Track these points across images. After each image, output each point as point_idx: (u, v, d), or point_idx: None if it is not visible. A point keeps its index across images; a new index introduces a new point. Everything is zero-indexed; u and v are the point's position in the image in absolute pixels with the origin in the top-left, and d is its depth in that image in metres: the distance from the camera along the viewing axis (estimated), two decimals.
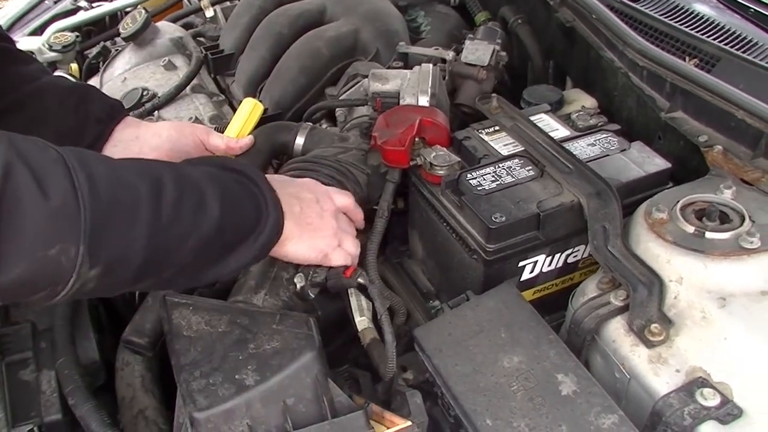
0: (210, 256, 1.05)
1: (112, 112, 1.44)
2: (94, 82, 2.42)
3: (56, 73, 2.51)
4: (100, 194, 0.88)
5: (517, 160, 1.45)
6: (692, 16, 1.81)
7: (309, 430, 1.08)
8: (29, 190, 0.83)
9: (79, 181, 0.87)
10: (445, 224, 1.42)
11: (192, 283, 1.13)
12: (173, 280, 1.05)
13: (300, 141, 1.63)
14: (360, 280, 1.39)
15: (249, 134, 1.56)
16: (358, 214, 1.40)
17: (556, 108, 1.71)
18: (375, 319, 1.48)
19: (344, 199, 1.36)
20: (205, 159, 1.33)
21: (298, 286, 1.38)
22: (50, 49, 2.50)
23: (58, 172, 0.86)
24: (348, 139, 1.63)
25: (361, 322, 1.46)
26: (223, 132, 1.57)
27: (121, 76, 2.33)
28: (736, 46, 1.61)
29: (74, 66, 2.55)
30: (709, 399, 1.05)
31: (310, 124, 1.65)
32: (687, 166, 1.50)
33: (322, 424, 1.09)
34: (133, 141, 1.43)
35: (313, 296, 1.34)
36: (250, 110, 1.58)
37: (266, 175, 1.24)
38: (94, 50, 2.57)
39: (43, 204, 0.83)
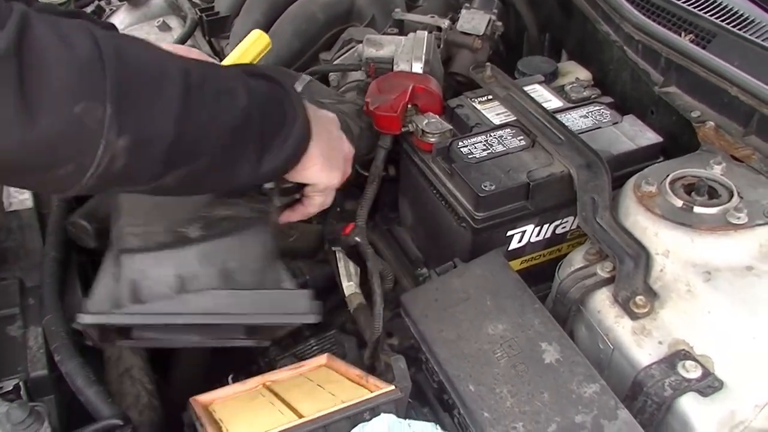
0: (241, 151, 1.01)
1: None
2: None
3: None
4: (125, 58, 0.85)
5: (508, 130, 1.45)
6: None
7: (240, 293, 1.04)
8: (52, 40, 0.79)
9: (103, 43, 0.83)
10: (434, 191, 1.43)
11: (227, 184, 1.06)
12: (207, 176, 1.00)
13: (298, 88, 1.58)
14: (357, 238, 1.39)
15: None
16: (348, 170, 1.33)
17: (550, 79, 1.70)
18: (362, 285, 1.49)
19: (350, 149, 1.31)
20: (234, 65, 1.31)
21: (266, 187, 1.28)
22: None
23: (81, 30, 0.83)
24: (344, 95, 1.61)
25: (349, 287, 1.47)
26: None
27: None
28: (733, 23, 1.60)
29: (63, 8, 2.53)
30: (690, 371, 1.06)
31: (310, 76, 1.61)
32: (678, 141, 1.50)
33: (263, 291, 1.05)
34: None
35: (279, 204, 1.24)
36: (253, 43, 1.51)
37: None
38: (89, 9, 2.55)
39: (67, 54, 0.80)
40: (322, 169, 1.16)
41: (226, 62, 1.45)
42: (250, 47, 1.49)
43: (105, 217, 1.36)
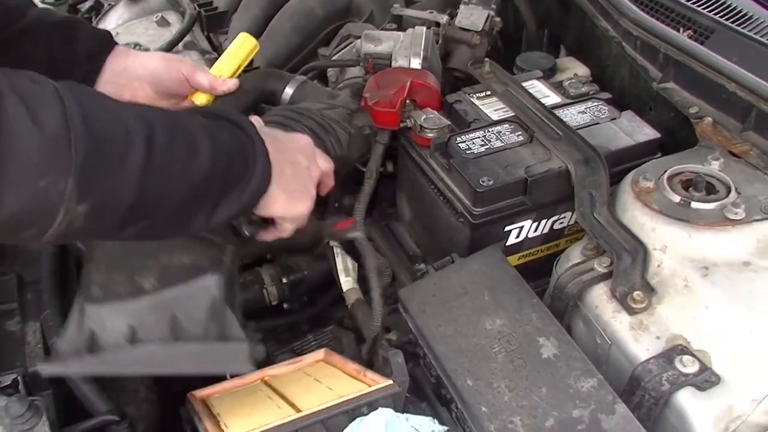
0: (200, 204, 1.03)
1: (102, 45, 1.40)
2: None
3: None
4: (92, 128, 0.87)
5: (507, 125, 1.45)
6: None
7: (186, 345, 1.08)
8: (22, 119, 0.81)
9: (71, 114, 0.85)
10: (432, 187, 1.43)
11: (180, 232, 1.09)
12: (163, 227, 1.02)
13: (289, 91, 1.60)
14: (355, 233, 1.39)
15: (238, 72, 1.46)
16: (330, 184, 1.34)
17: (548, 75, 1.70)
18: (360, 280, 1.49)
19: (327, 166, 1.31)
20: (199, 108, 1.31)
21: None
22: (42, 1, 2.47)
23: (51, 103, 0.85)
24: (337, 97, 1.60)
25: (347, 282, 1.47)
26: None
27: (113, 31, 2.29)
28: (731, 19, 1.60)
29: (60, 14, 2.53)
30: (687, 366, 1.06)
31: (303, 77, 1.62)
32: (676, 137, 1.50)
33: (199, 343, 1.09)
34: (122, 72, 1.39)
35: (247, 234, 1.27)
36: (239, 46, 1.47)
37: (266, 129, 1.22)
38: (87, 4, 2.54)
39: (34, 132, 0.82)
40: (285, 205, 1.17)
41: (215, 68, 1.44)
42: (237, 51, 1.47)
43: None
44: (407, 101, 1.49)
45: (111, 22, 2.38)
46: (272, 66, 1.97)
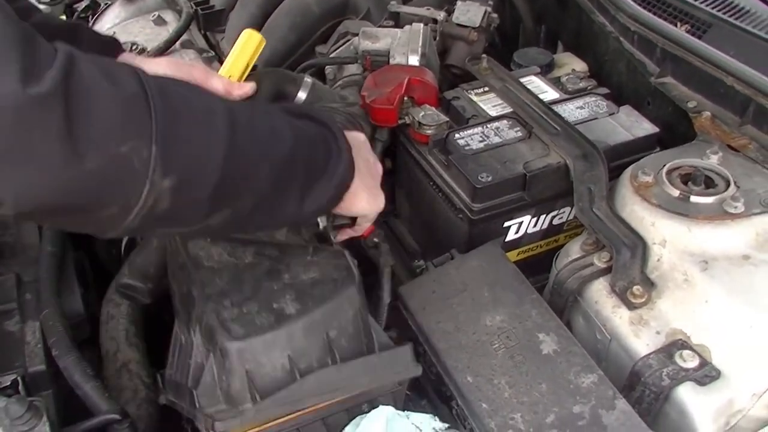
0: (286, 191, 0.99)
1: (105, 50, 1.35)
2: None
3: None
4: (170, 98, 0.84)
5: (505, 121, 1.45)
6: None
7: (356, 363, 1.04)
8: (99, 81, 0.78)
9: (148, 82, 0.82)
10: (431, 183, 1.43)
11: (271, 224, 1.07)
12: (251, 215, 0.98)
13: (302, 95, 1.54)
14: (375, 239, 1.40)
15: (248, 71, 1.42)
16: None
17: (546, 71, 1.70)
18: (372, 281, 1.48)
19: (381, 166, 1.28)
20: (280, 105, 1.29)
21: (321, 226, 1.25)
22: (39, 1, 2.47)
23: (126, 70, 0.83)
24: (347, 98, 1.57)
25: None
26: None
27: (110, 30, 2.29)
28: (728, 13, 1.60)
29: (63, 19, 2.52)
30: (687, 361, 1.06)
31: (312, 79, 1.57)
32: (675, 131, 1.50)
33: (369, 357, 1.05)
34: None
35: (334, 238, 1.25)
36: (246, 43, 1.43)
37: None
38: (83, 3, 2.54)
39: (113, 92, 0.79)
40: (368, 202, 1.16)
41: (224, 70, 1.40)
42: (244, 49, 1.44)
43: (158, 275, 1.39)
44: (405, 98, 1.49)
45: (107, 21, 2.37)
46: (270, 64, 1.96)
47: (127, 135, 0.79)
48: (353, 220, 1.25)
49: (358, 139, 1.21)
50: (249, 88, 1.35)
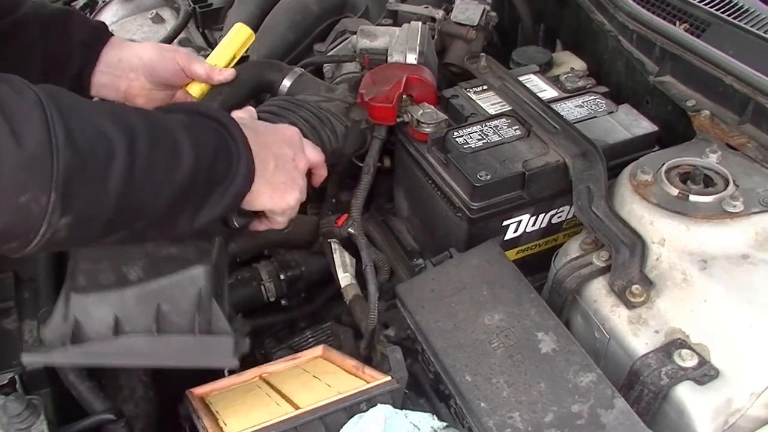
0: (182, 207, 1.02)
1: (96, 34, 1.40)
2: None
3: None
4: (75, 143, 0.86)
5: (504, 120, 1.45)
6: None
7: (171, 339, 1.06)
8: (3, 137, 0.80)
9: (55, 129, 0.84)
10: (430, 182, 1.42)
11: (163, 236, 1.08)
12: (145, 232, 1.01)
13: (287, 83, 1.56)
14: (351, 230, 1.39)
15: (233, 62, 1.47)
16: (322, 174, 1.33)
17: (545, 69, 1.70)
18: (358, 276, 1.48)
19: (316, 156, 1.29)
20: (180, 105, 1.26)
21: None
22: None
23: (34, 117, 0.84)
24: (335, 91, 1.55)
25: (344, 278, 1.47)
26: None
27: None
28: (727, 12, 1.60)
29: (54, 6, 2.52)
30: (686, 360, 1.06)
31: (301, 69, 1.59)
32: (674, 130, 1.50)
33: (184, 335, 1.06)
34: (116, 63, 1.39)
35: (237, 225, 1.23)
36: (235, 36, 1.48)
37: (249, 119, 1.22)
38: (81, 1, 2.54)
39: (15, 150, 0.81)
40: (272, 198, 1.16)
41: (210, 59, 1.45)
42: (232, 40, 1.48)
43: None
44: (404, 96, 1.48)
45: (105, 19, 2.38)
46: None
47: (27, 188, 0.83)
48: (259, 213, 1.24)
49: (280, 132, 1.23)
50: (229, 73, 1.44)
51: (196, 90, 1.42)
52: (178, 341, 1.07)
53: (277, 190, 1.17)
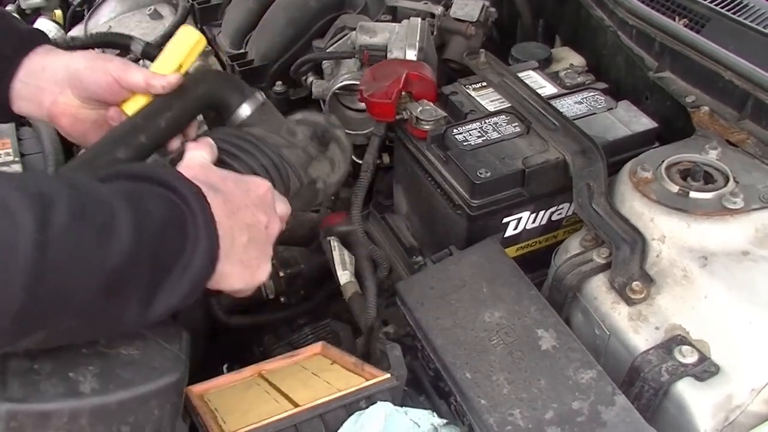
0: (124, 299, 0.83)
1: (24, 42, 1.19)
2: (78, 30, 2.39)
3: (40, 20, 2.47)
4: None
5: (503, 116, 1.45)
6: None
7: None
8: None
9: None
10: (429, 179, 1.42)
11: (106, 333, 0.90)
12: (76, 331, 0.83)
13: (246, 111, 1.26)
14: (350, 226, 1.38)
15: (181, 70, 1.22)
16: (283, 228, 1.13)
17: (544, 65, 1.70)
18: (357, 274, 1.48)
19: (285, 211, 1.12)
20: (129, 169, 0.98)
21: None
22: None
23: None
24: (296, 135, 1.29)
25: (343, 275, 1.47)
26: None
27: (105, 24, 2.30)
28: (727, 7, 1.59)
29: (58, 12, 2.52)
30: (687, 356, 1.06)
31: (264, 97, 1.30)
32: (673, 126, 1.50)
33: None
34: (39, 72, 1.18)
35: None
36: (180, 40, 1.23)
37: (215, 173, 1.02)
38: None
39: None
40: (240, 279, 1.00)
41: (153, 66, 1.21)
42: (176, 46, 1.23)
43: None
44: (403, 93, 1.48)
45: (104, 15, 2.37)
46: (267, 59, 1.96)
47: None
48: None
49: (252, 191, 1.04)
50: (173, 79, 1.18)
51: (132, 108, 1.18)
52: None
53: (249, 268, 1.00)
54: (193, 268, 0.88)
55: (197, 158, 1.05)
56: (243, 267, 0.99)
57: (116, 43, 1.91)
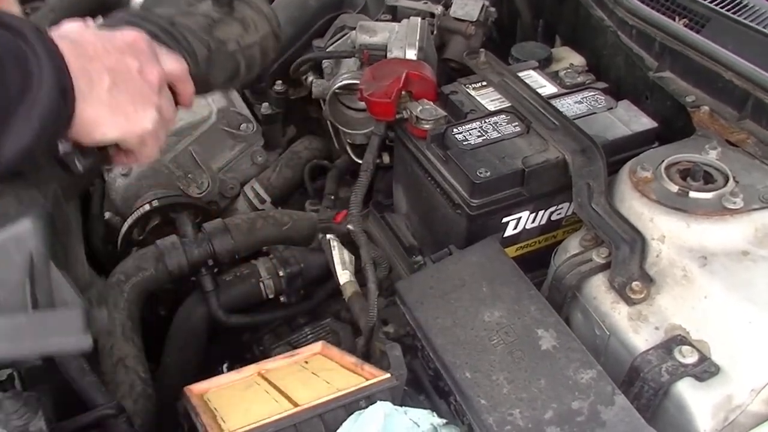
0: None
1: None
2: None
3: None
4: None
5: (503, 116, 1.44)
6: None
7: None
8: None
9: None
10: (429, 178, 1.42)
11: None
12: None
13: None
14: (349, 227, 1.38)
15: None
16: (188, 89, 1.06)
17: (544, 65, 1.70)
18: (357, 273, 1.48)
19: (175, 66, 1.03)
20: None
21: (61, 150, 0.93)
22: None
23: None
24: (196, 5, 1.21)
25: (343, 275, 1.47)
26: None
27: None
28: (727, 7, 1.60)
29: None
30: (687, 356, 1.06)
31: None
32: (673, 126, 1.50)
33: (14, 315, 0.83)
34: None
35: (81, 169, 0.93)
36: None
37: (77, 31, 0.94)
38: None
39: None
40: (115, 123, 0.93)
41: None
42: None
43: None
44: (403, 92, 1.48)
45: None
46: None
47: None
48: (109, 148, 0.99)
49: (115, 39, 0.96)
50: None
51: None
52: (6, 324, 0.83)
53: (121, 112, 0.93)
54: (40, 105, 0.83)
55: (67, 25, 0.97)
56: (112, 112, 0.92)
57: None
